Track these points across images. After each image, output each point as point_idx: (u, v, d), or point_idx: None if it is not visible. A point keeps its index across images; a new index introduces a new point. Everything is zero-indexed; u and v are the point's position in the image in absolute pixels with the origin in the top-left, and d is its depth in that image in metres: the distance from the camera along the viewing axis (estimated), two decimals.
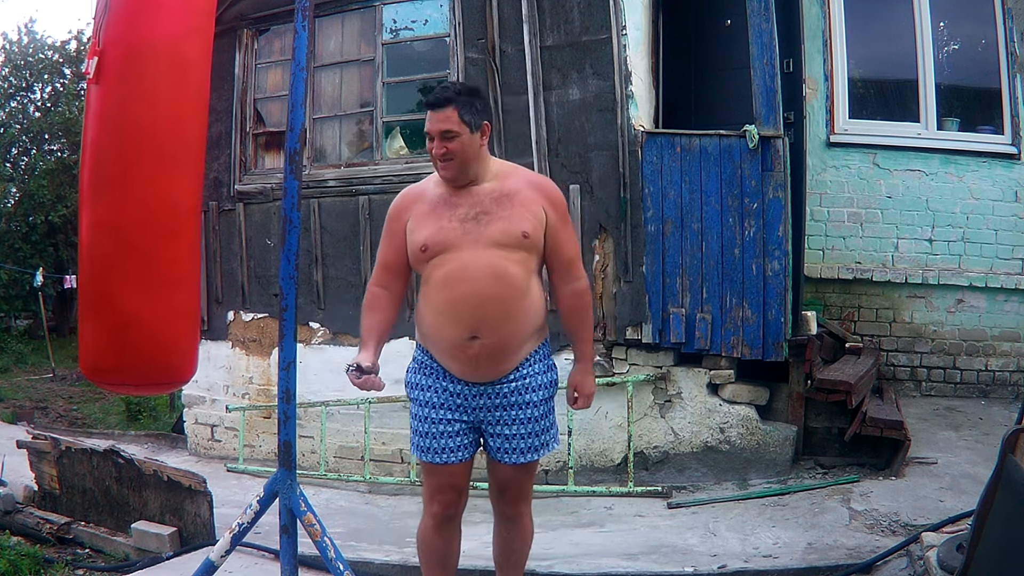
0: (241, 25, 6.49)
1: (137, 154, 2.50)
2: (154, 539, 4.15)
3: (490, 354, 2.38)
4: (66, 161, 15.97)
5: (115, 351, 2.59)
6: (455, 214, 2.39)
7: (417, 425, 2.50)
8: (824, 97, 5.92)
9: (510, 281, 2.36)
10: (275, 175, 6.31)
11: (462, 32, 5.63)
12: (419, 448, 2.49)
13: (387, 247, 2.54)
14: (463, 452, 2.48)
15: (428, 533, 2.57)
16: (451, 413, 2.46)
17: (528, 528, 2.65)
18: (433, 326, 2.42)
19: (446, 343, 2.40)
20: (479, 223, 2.37)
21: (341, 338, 6.12)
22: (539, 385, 2.49)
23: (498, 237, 2.36)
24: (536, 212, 2.42)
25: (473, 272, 2.34)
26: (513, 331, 2.40)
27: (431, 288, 2.41)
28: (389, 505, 5.49)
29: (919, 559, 3.01)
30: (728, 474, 4.90)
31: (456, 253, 2.36)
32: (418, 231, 2.42)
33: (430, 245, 2.38)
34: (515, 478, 2.54)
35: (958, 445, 4.70)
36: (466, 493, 2.58)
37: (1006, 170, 5.77)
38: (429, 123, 2.37)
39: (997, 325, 5.80)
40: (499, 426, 2.47)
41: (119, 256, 2.52)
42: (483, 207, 2.39)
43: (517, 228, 2.37)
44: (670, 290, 5.04)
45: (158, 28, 2.51)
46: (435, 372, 2.48)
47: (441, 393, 2.46)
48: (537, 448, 2.50)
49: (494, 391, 2.45)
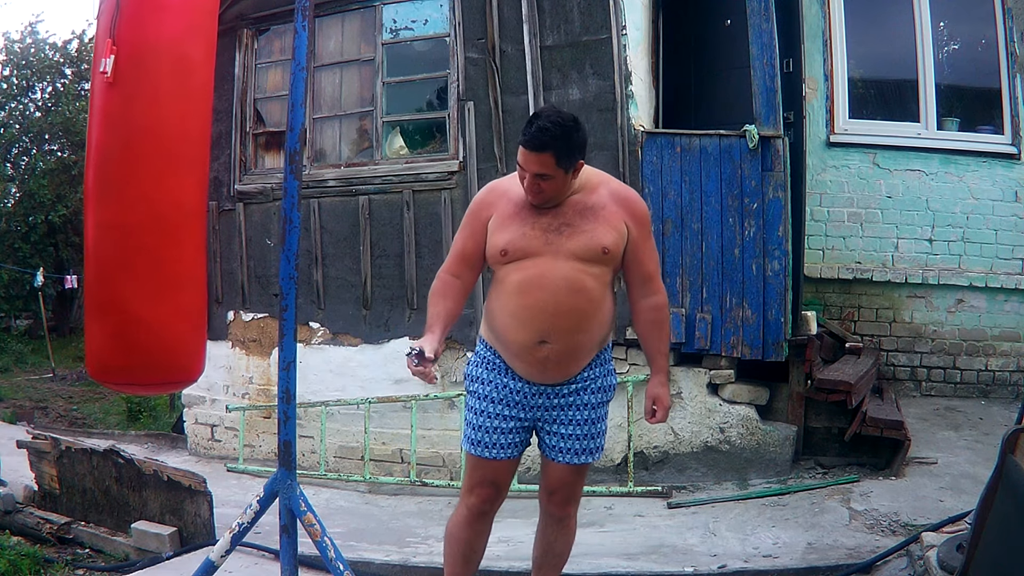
0: (241, 25, 6.49)
1: (142, 155, 2.50)
2: (154, 539, 4.14)
3: (558, 359, 2.41)
4: (66, 161, 15.96)
5: (121, 351, 2.60)
6: (539, 222, 2.39)
7: (472, 418, 2.52)
8: (824, 97, 5.92)
9: (586, 294, 2.38)
10: (275, 175, 6.31)
11: (462, 32, 5.63)
12: (470, 440, 2.50)
13: (467, 238, 2.51)
14: (513, 450, 2.51)
15: (460, 525, 2.59)
16: (508, 410, 2.48)
17: (573, 530, 2.68)
18: (504, 327, 2.43)
19: (515, 346, 2.42)
20: (561, 234, 2.37)
21: (341, 338, 6.12)
22: (599, 388, 2.54)
23: (578, 251, 2.37)
24: (618, 227, 2.42)
25: (550, 282, 2.35)
26: (583, 340, 2.43)
27: (505, 290, 2.42)
28: (389, 505, 5.49)
29: (919, 559, 3.01)
30: (728, 474, 4.90)
31: (535, 260, 2.37)
32: (500, 233, 2.42)
33: (511, 251, 2.38)
34: (568, 479, 2.56)
35: (958, 445, 4.70)
36: (505, 492, 2.60)
37: (1006, 170, 5.77)
38: (524, 160, 2.31)
39: (997, 325, 5.80)
40: (556, 425, 2.50)
41: (124, 256, 2.53)
42: (566, 219, 2.39)
43: (598, 243, 2.38)
44: (670, 290, 5.02)
45: (162, 28, 2.51)
46: (498, 368, 2.49)
47: (501, 389, 2.48)
48: (591, 451, 2.54)
49: (554, 391, 2.48)
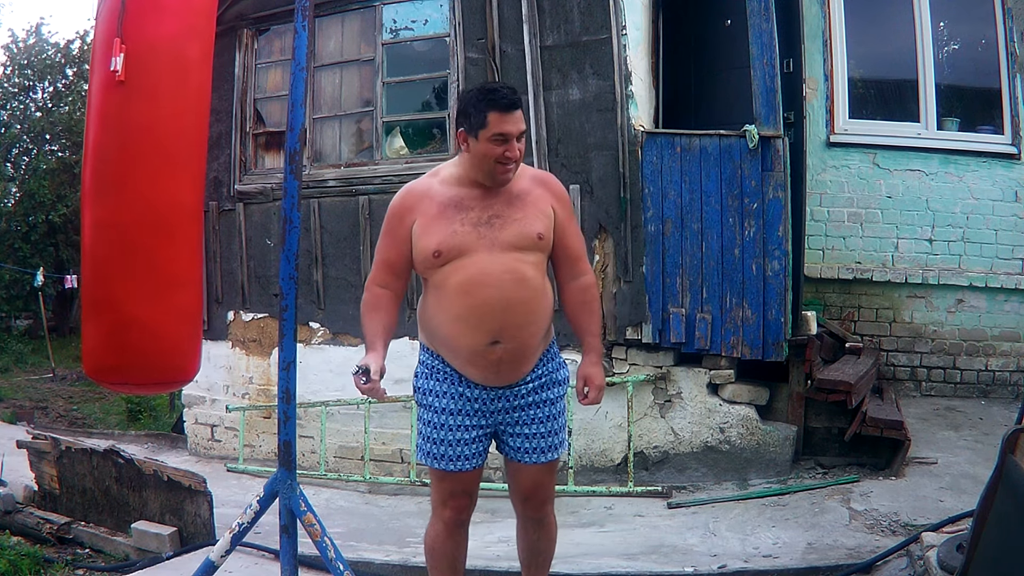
0: (241, 25, 6.49)
1: (139, 154, 2.51)
2: (154, 539, 4.15)
3: (511, 358, 2.36)
4: (67, 161, 15.97)
5: (117, 351, 2.60)
6: (467, 217, 2.32)
7: (429, 432, 2.43)
8: (824, 97, 5.91)
9: (530, 284, 2.33)
10: (275, 175, 6.31)
11: (462, 32, 5.63)
12: (431, 456, 2.42)
13: (389, 247, 2.43)
14: (478, 459, 2.45)
15: (439, 539, 2.54)
16: (468, 419, 2.41)
17: (553, 526, 2.65)
18: (451, 334, 2.35)
19: (465, 351, 2.34)
20: (492, 227, 2.32)
21: (341, 338, 6.12)
22: (554, 382, 2.49)
23: (514, 240, 2.32)
24: (546, 211, 2.39)
25: (494, 277, 2.29)
26: (533, 333, 2.38)
27: (447, 294, 2.33)
28: (389, 505, 5.49)
29: (919, 559, 3.01)
30: (728, 474, 4.90)
31: (472, 258, 2.30)
32: (428, 235, 2.33)
33: (444, 251, 2.30)
34: (540, 479, 2.52)
35: (958, 445, 4.70)
36: (476, 498, 2.56)
37: (1006, 170, 5.77)
38: (508, 124, 2.26)
39: (997, 325, 5.80)
40: (519, 426, 2.45)
41: (121, 256, 2.53)
42: (495, 210, 2.34)
43: (532, 230, 2.34)
44: (670, 290, 5.04)
45: (160, 29, 2.52)
46: (449, 377, 2.42)
47: (457, 399, 2.40)
48: (556, 446, 2.50)
49: (512, 393, 2.43)
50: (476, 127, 2.27)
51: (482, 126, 2.26)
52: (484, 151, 2.28)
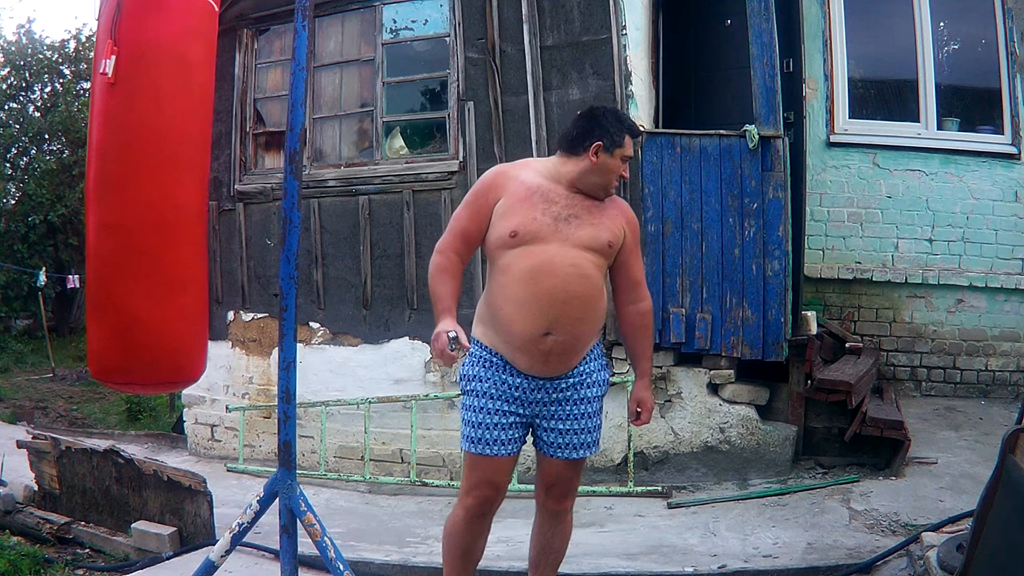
0: (241, 25, 6.49)
1: (142, 155, 2.50)
2: (154, 539, 4.15)
3: (562, 350, 2.45)
4: (65, 161, 15.93)
5: (122, 351, 2.60)
6: (549, 210, 2.45)
7: (471, 416, 2.52)
8: (824, 97, 5.91)
9: (591, 280, 2.46)
10: (275, 175, 6.31)
11: (462, 32, 5.63)
12: (469, 439, 2.51)
13: (470, 218, 2.53)
14: (512, 446, 2.52)
15: (458, 526, 2.59)
16: (507, 405, 2.49)
17: (570, 527, 2.70)
18: (509, 318, 2.44)
19: (519, 337, 2.43)
20: (570, 224, 2.45)
21: (341, 338, 6.12)
22: (595, 382, 2.57)
23: (586, 241, 2.46)
24: (618, 228, 2.55)
25: (560, 268, 2.40)
26: (585, 330, 2.49)
27: (511, 279, 2.43)
28: (389, 505, 5.49)
29: (919, 559, 3.01)
30: (728, 474, 4.90)
31: (544, 246, 2.41)
32: (509, 216, 2.45)
33: (520, 232, 2.42)
34: (566, 473, 2.59)
35: (958, 445, 4.70)
36: (503, 493, 2.59)
37: (1006, 170, 5.77)
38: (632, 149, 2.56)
39: (997, 325, 5.80)
40: (554, 420, 2.53)
41: (125, 257, 2.53)
42: (575, 211, 2.48)
43: (604, 236, 2.49)
44: (670, 290, 5.04)
45: (162, 29, 2.51)
46: (495, 366, 2.50)
47: (500, 385, 2.49)
48: (589, 445, 2.57)
49: (553, 385, 2.51)
50: (615, 144, 2.50)
51: (619, 145, 2.51)
52: (612, 166, 2.51)
